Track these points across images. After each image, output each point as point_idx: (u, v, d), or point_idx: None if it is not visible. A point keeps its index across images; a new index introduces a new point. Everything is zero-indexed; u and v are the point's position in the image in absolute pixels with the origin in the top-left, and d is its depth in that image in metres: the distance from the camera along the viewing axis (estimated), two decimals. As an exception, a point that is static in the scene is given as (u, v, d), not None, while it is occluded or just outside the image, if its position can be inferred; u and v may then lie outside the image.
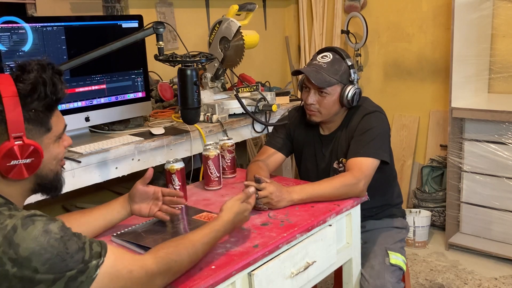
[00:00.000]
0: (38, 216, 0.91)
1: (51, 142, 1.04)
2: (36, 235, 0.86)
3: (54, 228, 0.89)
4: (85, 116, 1.95)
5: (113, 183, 2.04)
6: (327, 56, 1.76)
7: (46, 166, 1.04)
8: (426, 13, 3.26)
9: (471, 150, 2.84)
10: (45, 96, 0.98)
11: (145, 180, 1.38)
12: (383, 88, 3.56)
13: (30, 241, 0.86)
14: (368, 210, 1.80)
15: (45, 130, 1.01)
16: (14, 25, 1.71)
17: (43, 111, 1.00)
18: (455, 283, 2.62)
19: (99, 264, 0.93)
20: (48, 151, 1.03)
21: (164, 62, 1.65)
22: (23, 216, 0.89)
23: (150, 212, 1.39)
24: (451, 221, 2.97)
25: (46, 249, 0.86)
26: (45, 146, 1.02)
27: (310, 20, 3.77)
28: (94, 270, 0.92)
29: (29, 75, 0.97)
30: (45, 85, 0.98)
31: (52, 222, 0.91)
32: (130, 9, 2.64)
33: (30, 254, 0.85)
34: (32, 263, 0.85)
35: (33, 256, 0.85)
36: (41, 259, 0.85)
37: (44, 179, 1.05)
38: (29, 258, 0.85)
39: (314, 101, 1.76)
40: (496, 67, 3.02)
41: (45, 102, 0.99)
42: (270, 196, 1.51)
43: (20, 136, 0.95)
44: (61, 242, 0.88)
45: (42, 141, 1.01)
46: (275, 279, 1.29)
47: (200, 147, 2.10)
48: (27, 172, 0.99)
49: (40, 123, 1.00)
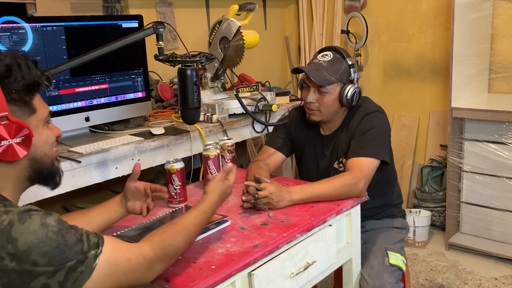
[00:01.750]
0: (34, 210, 0.92)
1: (39, 125, 1.04)
2: (34, 229, 0.87)
3: (51, 221, 0.90)
4: (85, 116, 1.95)
5: (113, 183, 2.04)
6: (328, 55, 1.76)
7: (39, 149, 1.04)
8: (426, 13, 3.26)
9: (471, 150, 2.84)
10: (22, 77, 0.99)
11: (134, 176, 1.38)
12: (383, 88, 3.56)
13: (28, 234, 0.86)
14: (368, 210, 1.79)
15: (30, 111, 1.02)
16: (14, 25, 1.71)
17: (24, 92, 1.01)
18: (455, 283, 2.62)
19: (98, 254, 0.94)
20: (38, 133, 1.03)
21: (164, 62, 1.65)
22: (19, 211, 0.90)
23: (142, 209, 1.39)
24: (451, 221, 2.97)
25: (45, 242, 0.87)
26: (34, 127, 1.02)
27: (310, 20, 3.77)
28: (93, 259, 0.93)
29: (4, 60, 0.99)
30: (20, 68, 0.99)
31: (48, 215, 0.92)
32: (130, 9, 2.64)
33: (29, 247, 0.85)
34: (31, 257, 0.85)
35: (32, 249, 0.86)
36: (40, 252, 0.86)
37: (39, 164, 1.05)
38: (28, 251, 0.85)
39: (314, 99, 1.76)
40: (496, 67, 3.02)
41: (24, 83, 1.00)
42: (270, 196, 1.51)
43: (5, 116, 0.96)
44: (59, 234, 0.89)
45: (30, 122, 1.02)
46: (275, 279, 1.29)
47: (200, 147, 2.10)
48: (20, 152, 0.99)
49: (23, 103, 1.01)
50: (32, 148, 1.02)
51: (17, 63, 0.99)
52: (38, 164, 1.05)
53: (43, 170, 1.07)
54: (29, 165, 1.04)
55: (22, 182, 1.05)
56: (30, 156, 1.02)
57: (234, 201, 1.63)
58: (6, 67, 0.98)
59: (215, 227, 1.39)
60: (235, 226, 1.42)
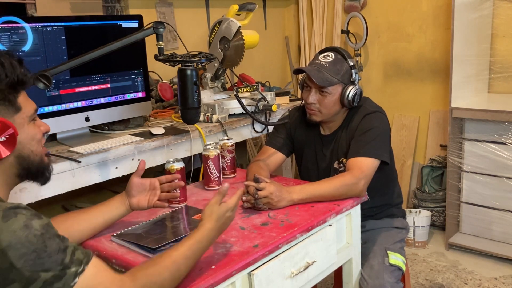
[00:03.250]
0: (23, 209, 0.90)
1: (24, 122, 1.04)
2: (15, 229, 0.85)
3: (36, 224, 0.88)
4: (85, 116, 1.95)
5: (113, 183, 2.04)
6: (329, 56, 1.76)
7: (26, 147, 1.05)
8: (426, 13, 3.26)
9: (471, 150, 2.84)
10: (6, 76, 0.99)
11: (139, 172, 1.39)
12: (383, 88, 3.56)
13: (8, 233, 0.85)
14: (368, 210, 1.80)
15: (14, 109, 1.02)
16: (14, 25, 1.71)
17: (7, 90, 1.00)
18: (455, 283, 2.62)
19: (78, 272, 0.90)
20: (23, 131, 1.04)
21: (164, 62, 1.65)
22: (6, 207, 0.88)
23: (149, 203, 1.40)
24: (451, 221, 2.97)
25: (23, 244, 0.85)
26: (19, 125, 1.03)
27: (310, 20, 3.77)
28: (72, 277, 0.89)
29: None
30: (3, 66, 0.99)
31: (36, 218, 0.89)
32: (130, 9, 2.64)
33: (6, 246, 0.84)
34: (7, 257, 0.84)
35: (9, 249, 0.84)
36: (17, 253, 0.84)
37: (27, 161, 1.05)
38: (4, 250, 0.84)
39: (315, 100, 1.76)
40: (496, 67, 3.02)
41: (7, 81, 1.00)
42: (270, 196, 1.51)
43: None
44: (40, 238, 0.87)
45: (14, 121, 1.02)
46: (275, 279, 1.29)
47: (200, 147, 2.10)
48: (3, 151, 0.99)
49: (7, 101, 1.01)
50: (18, 145, 1.02)
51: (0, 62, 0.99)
52: (26, 162, 1.05)
53: (31, 167, 1.06)
54: (16, 162, 1.04)
55: (11, 179, 1.05)
56: (16, 153, 1.03)
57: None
58: None
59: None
60: (235, 226, 1.41)
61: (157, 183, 1.42)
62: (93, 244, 1.34)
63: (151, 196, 1.40)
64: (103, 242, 1.35)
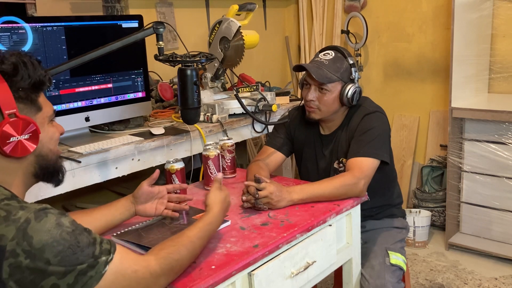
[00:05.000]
0: (50, 209, 0.93)
1: (44, 122, 1.07)
2: (49, 228, 0.89)
3: (66, 222, 0.92)
4: (85, 116, 1.95)
5: (113, 183, 2.04)
6: (329, 53, 1.77)
7: (46, 146, 1.07)
8: (426, 13, 3.26)
9: (471, 150, 2.84)
10: (29, 76, 1.01)
11: (152, 180, 1.40)
12: (383, 88, 3.56)
13: (44, 233, 0.88)
14: (368, 210, 1.79)
15: (36, 109, 1.05)
16: (14, 25, 1.71)
17: (30, 90, 1.02)
18: (455, 283, 2.62)
19: (108, 261, 0.95)
20: (44, 130, 1.06)
21: (164, 62, 1.65)
22: (36, 209, 0.91)
23: (157, 212, 1.41)
24: (451, 221, 2.97)
25: (59, 242, 0.88)
26: (40, 124, 1.05)
27: (310, 20, 3.77)
28: (103, 266, 0.94)
29: (9, 59, 1.00)
30: (26, 66, 1.01)
31: (63, 216, 0.93)
32: (130, 9, 2.64)
33: (43, 245, 0.87)
34: (45, 255, 0.87)
35: (46, 247, 0.87)
36: (54, 251, 0.87)
37: (46, 160, 1.07)
38: (42, 249, 0.87)
39: (314, 97, 1.76)
40: (496, 67, 3.02)
41: (30, 81, 1.02)
42: (270, 196, 1.51)
43: (13, 113, 0.98)
44: (72, 235, 0.91)
45: (36, 119, 1.04)
46: (275, 279, 1.29)
47: (200, 147, 2.10)
48: (30, 146, 1.02)
49: (30, 101, 1.03)
50: (38, 144, 1.04)
51: (23, 62, 1.01)
52: (44, 160, 1.07)
53: (49, 166, 1.09)
54: (35, 161, 1.06)
55: (29, 179, 1.07)
56: (36, 152, 1.05)
57: (234, 201, 1.62)
58: (12, 65, 1.00)
59: (215, 227, 1.39)
60: (235, 226, 1.42)
61: (165, 192, 1.43)
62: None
63: (158, 204, 1.42)
64: (103, 242, 1.35)
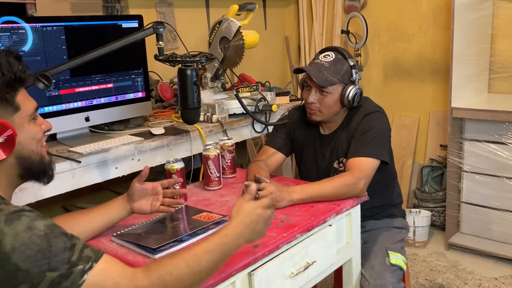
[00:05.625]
0: (27, 211, 0.89)
1: (24, 122, 1.02)
2: (18, 231, 0.84)
3: (40, 225, 0.87)
4: (85, 116, 1.95)
5: (113, 183, 2.04)
6: (330, 55, 1.76)
7: (26, 147, 1.02)
8: (426, 13, 3.26)
9: (471, 150, 2.84)
10: (2, 74, 0.96)
11: (142, 177, 1.38)
12: (383, 88, 3.56)
13: (12, 237, 0.84)
14: (368, 210, 1.80)
15: (12, 109, 0.99)
16: (14, 25, 1.71)
17: (4, 89, 0.98)
18: (455, 283, 2.62)
19: (86, 269, 0.88)
20: (23, 130, 1.01)
21: (164, 62, 1.65)
22: (10, 211, 0.87)
23: (152, 208, 1.39)
24: (451, 221, 2.97)
25: (28, 246, 0.83)
26: (18, 125, 1.00)
27: (310, 20, 3.77)
28: (79, 276, 0.87)
29: None
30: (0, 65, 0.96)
31: (39, 219, 0.88)
32: (130, 9, 2.64)
33: (10, 250, 0.83)
34: (12, 260, 0.83)
35: (14, 252, 0.83)
36: (22, 256, 0.83)
37: (28, 161, 1.03)
38: (9, 254, 0.83)
39: (315, 100, 1.76)
40: (496, 67, 3.02)
41: (3, 80, 0.97)
42: (270, 196, 1.50)
43: None
44: (44, 238, 0.85)
45: (13, 121, 0.99)
46: (275, 279, 1.29)
47: (200, 147, 2.10)
48: (5, 152, 0.96)
49: (4, 101, 0.98)
50: (17, 146, 0.99)
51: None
52: (26, 162, 1.03)
53: (32, 167, 1.04)
54: (17, 163, 1.02)
55: (13, 180, 1.03)
56: (16, 154, 1.00)
57: (234, 201, 1.63)
58: None
59: (215, 226, 1.39)
60: (235, 226, 1.41)
61: (159, 188, 1.40)
62: (93, 244, 1.33)
63: (153, 201, 1.39)
64: (103, 242, 1.35)
